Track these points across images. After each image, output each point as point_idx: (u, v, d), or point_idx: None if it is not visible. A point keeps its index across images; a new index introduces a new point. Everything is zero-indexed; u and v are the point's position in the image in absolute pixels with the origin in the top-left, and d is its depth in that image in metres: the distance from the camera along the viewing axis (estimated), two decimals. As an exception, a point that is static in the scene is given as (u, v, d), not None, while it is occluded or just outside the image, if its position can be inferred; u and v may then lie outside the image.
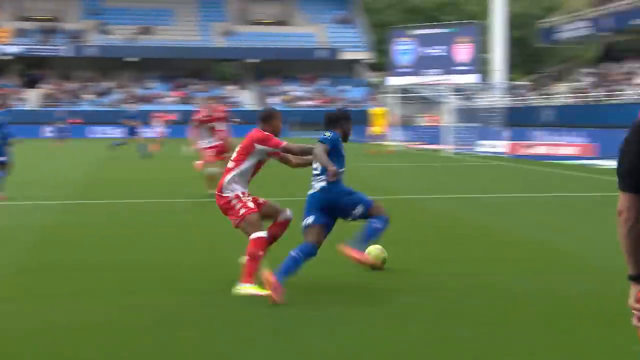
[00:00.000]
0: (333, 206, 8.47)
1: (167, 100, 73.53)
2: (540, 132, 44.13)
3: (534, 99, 58.57)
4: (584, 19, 57.34)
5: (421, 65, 65.23)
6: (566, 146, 37.89)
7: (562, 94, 55.67)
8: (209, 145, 17.90)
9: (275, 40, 78.68)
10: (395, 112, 55.93)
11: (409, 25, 71.87)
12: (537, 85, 64.65)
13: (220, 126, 18.04)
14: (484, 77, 66.84)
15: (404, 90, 66.11)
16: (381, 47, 76.62)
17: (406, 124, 62.84)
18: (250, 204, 8.59)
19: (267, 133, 8.67)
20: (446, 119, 46.18)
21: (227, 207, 8.61)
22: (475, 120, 49.42)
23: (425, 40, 65.65)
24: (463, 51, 63.93)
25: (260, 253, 8.43)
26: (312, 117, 59.15)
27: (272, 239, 8.76)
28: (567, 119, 44.99)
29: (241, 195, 8.58)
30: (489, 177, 25.38)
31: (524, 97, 60.89)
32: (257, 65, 77.74)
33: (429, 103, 70.12)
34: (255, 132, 8.68)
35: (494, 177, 25.55)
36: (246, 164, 8.62)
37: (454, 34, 64.82)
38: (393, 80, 65.73)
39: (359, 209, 8.60)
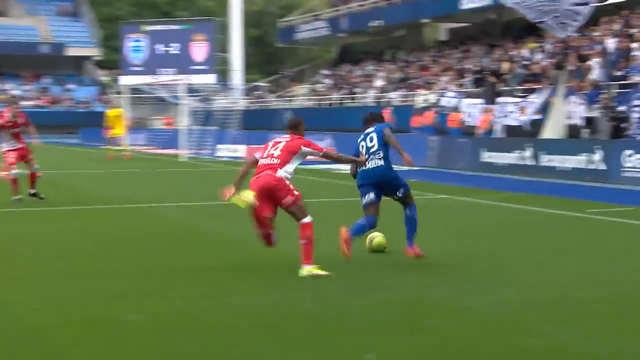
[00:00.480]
0: (387, 184, 10.54)
1: None
2: (280, 136, 42.15)
3: (273, 101, 57.05)
4: (322, 19, 56.71)
5: (155, 63, 61.29)
6: (308, 151, 36.09)
7: (301, 96, 54.56)
8: (10, 149, 17.97)
9: (-10, 33, 70.99)
10: (127, 113, 51.75)
11: (141, 20, 67.58)
12: (277, 86, 63.26)
13: (21, 130, 18.16)
14: (222, 77, 64.35)
15: (137, 90, 61.92)
16: (111, 43, 71.64)
17: (140, 127, 58.70)
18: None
19: (308, 139, 10.46)
20: (182, 121, 43.10)
21: (280, 187, 9.81)
22: (213, 123, 47.03)
23: (159, 37, 61.86)
24: (199, 50, 60.94)
25: (312, 236, 9.82)
26: (36, 119, 52.77)
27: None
28: (306, 122, 43.35)
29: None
30: (223, 184, 22.59)
31: (263, 99, 59.21)
32: (-30, 60, 69.67)
33: (164, 104, 66.59)
34: (296, 137, 10.41)
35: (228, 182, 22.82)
36: (292, 165, 10.09)
37: (188, 30, 61.59)
38: (125, 80, 61.22)
39: (401, 191, 10.65)
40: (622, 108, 26.00)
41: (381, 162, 10.50)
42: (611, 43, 30.25)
